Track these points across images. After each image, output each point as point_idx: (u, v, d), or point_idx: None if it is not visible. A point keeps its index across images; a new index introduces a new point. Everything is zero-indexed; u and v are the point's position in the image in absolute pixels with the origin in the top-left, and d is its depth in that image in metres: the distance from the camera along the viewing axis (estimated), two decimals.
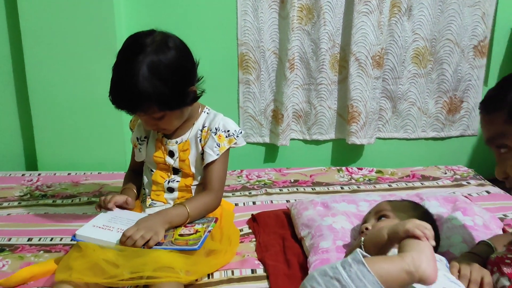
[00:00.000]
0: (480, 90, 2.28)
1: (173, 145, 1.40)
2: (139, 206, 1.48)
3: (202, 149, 1.39)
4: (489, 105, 0.99)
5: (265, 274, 1.26)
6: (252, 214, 1.62)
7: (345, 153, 2.35)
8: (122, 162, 2.26)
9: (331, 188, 1.90)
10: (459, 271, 1.06)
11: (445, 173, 2.03)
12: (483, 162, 2.37)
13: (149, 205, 1.43)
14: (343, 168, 2.11)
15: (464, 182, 1.91)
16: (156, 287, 1.12)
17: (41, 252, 1.42)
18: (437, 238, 1.23)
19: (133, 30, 1.44)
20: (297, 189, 1.90)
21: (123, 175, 2.09)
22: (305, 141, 2.34)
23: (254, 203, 1.77)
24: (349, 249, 1.19)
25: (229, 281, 1.23)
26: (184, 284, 1.18)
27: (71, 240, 1.26)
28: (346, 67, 2.22)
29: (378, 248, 1.00)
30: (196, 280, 1.23)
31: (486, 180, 1.93)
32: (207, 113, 1.44)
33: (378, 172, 2.06)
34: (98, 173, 2.14)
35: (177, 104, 1.28)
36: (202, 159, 1.40)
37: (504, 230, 1.41)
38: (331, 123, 2.30)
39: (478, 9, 2.18)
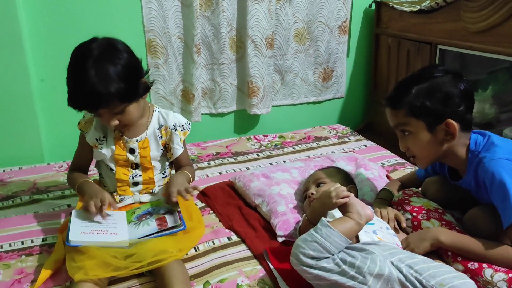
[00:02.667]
0: (344, 61, 2.84)
1: (133, 143, 1.57)
2: None
3: (163, 145, 1.61)
4: (394, 104, 1.44)
5: (239, 239, 1.59)
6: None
7: (245, 122, 2.73)
8: (39, 155, 2.29)
9: (249, 157, 2.28)
10: (380, 213, 1.55)
11: (330, 132, 2.56)
12: (348, 117, 3.00)
13: (120, 200, 1.60)
14: (251, 136, 2.50)
15: (346, 139, 2.47)
16: (163, 269, 1.33)
17: (23, 256, 1.50)
18: (356, 190, 1.72)
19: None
20: (222, 161, 2.23)
21: (46, 167, 2.18)
22: (211, 115, 2.64)
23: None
24: (303, 218, 1.50)
25: (214, 250, 1.53)
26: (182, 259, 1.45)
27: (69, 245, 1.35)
28: (242, 47, 2.55)
29: (317, 216, 1.35)
30: (187, 254, 1.50)
31: (361, 135, 2.52)
32: (158, 111, 1.62)
33: (281, 137, 2.50)
34: (19, 168, 2.15)
35: (134, 96, 1.44)
36: (164, 152, 1.62)
37: (388, 177, 1.96)
38: (233, 97, 2.63)
39: None
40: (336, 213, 1.42)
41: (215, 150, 2.35)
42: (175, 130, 1.60)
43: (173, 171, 1.72)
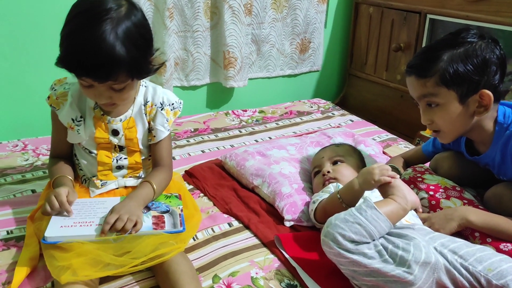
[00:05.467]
0: (322, 31, 2.68)
1: (117, 123, 1.32)
2: (82, 190, 1.36)
3: (149, 124, 1.36)
4: (421, 72, 1.30)
5: (241, 225, 1.41)
6: (185, 170, 1.71)
7: (218, 96, 2.51)
8: None
9: (231, 133, 2.08)
10: None
11: (311, 107, 2.41)
12: (324, 91, 2.87)
13: (101, 185, 1.36)
14: (229, 111, 2.29)
15: (330, 114, 2.33)
16: (166, 265, 1.14)
17: None
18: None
19: None
20: (202, 138, 2.02)
21: None
22: (183, 88, 2.40)
23: (174, 158, 1.83)
24: (332, 196, 1.30)
25: (215, 238, 1.34)
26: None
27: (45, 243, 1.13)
28: (216, 13, 2.32)
29: (352, 196, 1.23)
30: None
31: (344, 110, 2.40)
32: (145, 86, 1.37)
33: (261, 112, 2.32)
34: None
35: (146, 71, 1.22)
36: (148, 134, 1.38)
37: (384, 153, 1.85)
38: (206, 68, 2.40)
39: None
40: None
41: (192, 126, 2.13)
42: (162, 109, 1.35)
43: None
